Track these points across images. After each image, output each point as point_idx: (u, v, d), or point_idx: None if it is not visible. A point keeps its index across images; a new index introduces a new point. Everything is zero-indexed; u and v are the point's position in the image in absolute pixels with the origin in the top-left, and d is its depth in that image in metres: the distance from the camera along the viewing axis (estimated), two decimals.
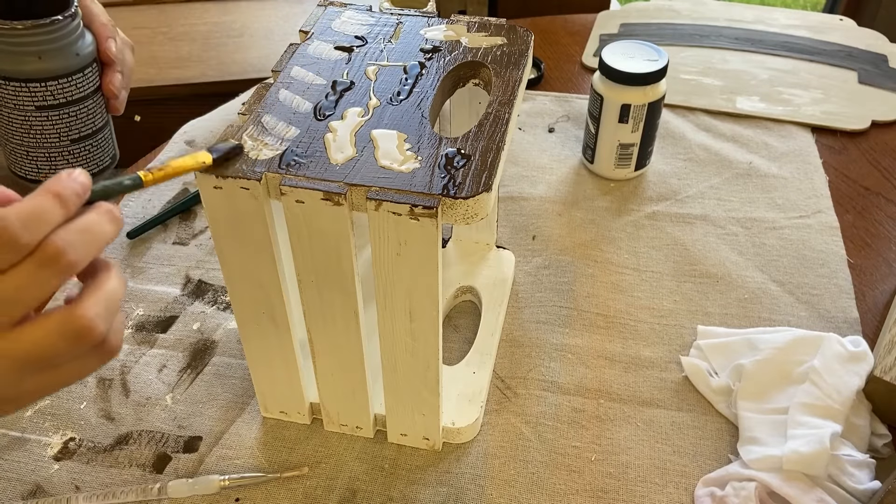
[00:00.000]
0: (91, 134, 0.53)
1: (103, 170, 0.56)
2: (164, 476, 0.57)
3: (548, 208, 0.79)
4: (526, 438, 0.59)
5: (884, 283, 0.72)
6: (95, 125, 0.53)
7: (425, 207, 0.43)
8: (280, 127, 0.48)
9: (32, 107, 0.50)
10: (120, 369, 0.64)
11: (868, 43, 1.02)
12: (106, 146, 0.54)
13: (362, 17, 0.59)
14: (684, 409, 0.61)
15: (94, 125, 0.53)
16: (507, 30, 0.57)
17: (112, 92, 0.53)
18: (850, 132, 0.89)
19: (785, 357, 0.61)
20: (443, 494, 0.56)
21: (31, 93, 0.50)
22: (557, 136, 0.88)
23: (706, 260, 0.73)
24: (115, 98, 0.53)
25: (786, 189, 0.81)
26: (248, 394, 0.62)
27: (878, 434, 0.58)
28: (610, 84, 0.76)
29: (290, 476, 0.56)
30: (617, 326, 0.67)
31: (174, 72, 1.23)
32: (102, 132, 0.54)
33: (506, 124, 0.48)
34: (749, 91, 0.94)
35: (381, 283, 0.47)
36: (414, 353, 0.51)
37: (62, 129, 0.52)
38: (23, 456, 0.58)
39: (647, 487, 0.56)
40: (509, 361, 0.64)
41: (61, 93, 0.50)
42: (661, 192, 0.81)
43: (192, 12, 1.39)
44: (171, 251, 0.74)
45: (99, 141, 0.54)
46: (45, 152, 0.52)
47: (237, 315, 0.53)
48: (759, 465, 0.55)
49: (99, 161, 0.55)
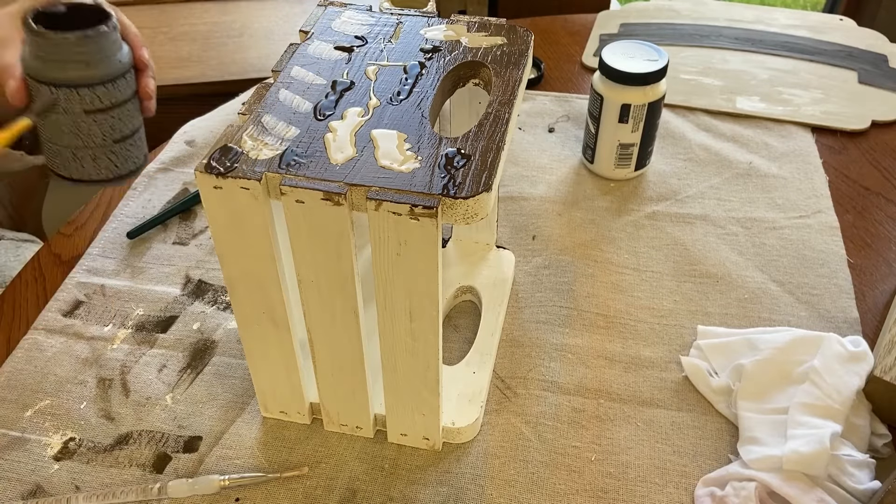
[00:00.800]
0: (130, 134, 0.58)
1: (139, 168, 0.60)
2: (164, 476, 0.57)
3: (548, 208, 0.79)
4: (526, 438, 0.59)
5: (884, 283, 0.72)
6: (133, 126, 0.58)
7: (425, 207, 0.43)
8: (280, 127, 0.48)
9: (81, 110, 0.54)
10: (120, 369, 0.64)
11: (868, 43, 1.03)
12: (141, 145, 0.60)
13: (362, 17, 0.59)
14: (684, 409, 0.61)
15: (133, 126, 0.58)
16: (507, 30, 0.57)
17: (148, 94, 0.58)
18: (850, 132, 0.89)
19: (785, 357, 0.61)
20: (443, 494, 0.56)
21: (80, 97, 0.54)
22: (557, 136, 0.88)
23: (706, 260, 0.73)
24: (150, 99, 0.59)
25: (786, 189, 0.81)
26: (248, 394, 0.62)
27: (878, 434, 0.58)
28: (610, 84, 0.76)
29: (290, 476, 0.56)
30: (617, 326, 0.67)
31: (174, 72, 1.23)
32: (139, 132, 0.59)
33: (506, 124, 0.48)
34: (749, 91, 0.94)
35: (381, 283, 0.47)
36: (414, 353, 0.51)
37: (106, 130, 0.56)
38: (23, 456, 0.58)
39: (647, 487, 0.56)
40: (509, 361, 0.64)
41: (107, 96, 0.55)
42: (661, 192, 0.81)
43: (192, 12, 1.39)
44: (171, 251, 0.74)
45: (135, 140, 0.59)
46: (91, 152, 0.57)
47: (237, 315, 0.53)
48: (759, 465, 0.55)
49: (135, 159, 0.60)
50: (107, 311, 0.69)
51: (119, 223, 0.77)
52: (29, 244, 0.91)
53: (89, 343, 0.66)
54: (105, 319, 0.68)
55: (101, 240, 0.76)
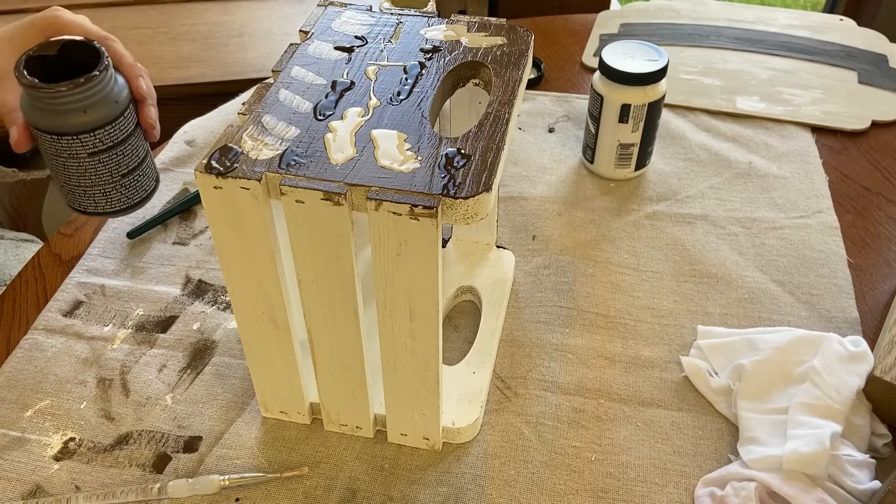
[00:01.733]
0: (137, 165, 0.58)
1: (150, 194, 0.60)
2: (164, 476, 0.57)
3: (548, 208, 0.79)
4: (526, 438, 0.59)
5: (884, 283, 0.72)
6: (140, 157, 0.58)
7: (425, 207, 0.43)
8: (280, 127, 0.48)
9: (85, 154, 0.55)
10: (120, 369, 0.64)
11: (868, 43, 1.02)
12: (150, 171, 0.60)
13: (362, 17, 0.59)
14: (684, 409, 0.61)
15: (139, 157, 0.58)
16: (507, 30, 0.57)
17: (150, 125, 0.58)
18: (850, 132, 0.89)
19: (785, 357, 0.61)
20: (443, 494, 0.56)
21: (82, 143, 0.54)
22: (557, 136, 0.88)
23: (706, 260, 0.73)
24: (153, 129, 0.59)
25: (786, 189, 0.81)
26: (248, 394, 0.62)
27: (878, 434, 0.58)
28: (610, 84, 0.76)
29: (290, 476, 0.56)
30: (617, 326, 0.67)
31: (174, 72, 1.23)
32: (146, 161, 0.59)
33: (506, 124, 0.48)
34: (749, 91, 0.94)
35: (381, 283, 0.47)
36: (414, 353, 0.51)
37: (113, 167, 0.56)
38: (23, 456, 0.58)
39: (647, 487, 0.56)
40: (509, 361, 0.64)
41: (109, 137, 0.55)
42: (661, 192, 0.81)
43: (192, 12, 1.39)
44: (171, 251, 0.74)
45: (144, 169, 0.59)
46: (101, 189, 0.57)
47: (237, 315, 0.53)
48: (759, 465, 0.55)
49: (146, 186, 0.60)
50: (107, 311, 0.69)
51: (119, 223, 0.77)
52: (29, 244, 0.91)
53: (89, 343, 0.66)
54: (105, 319, 0.68)
55: (101, 240, 0.76)
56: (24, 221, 1.22)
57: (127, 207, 0.59)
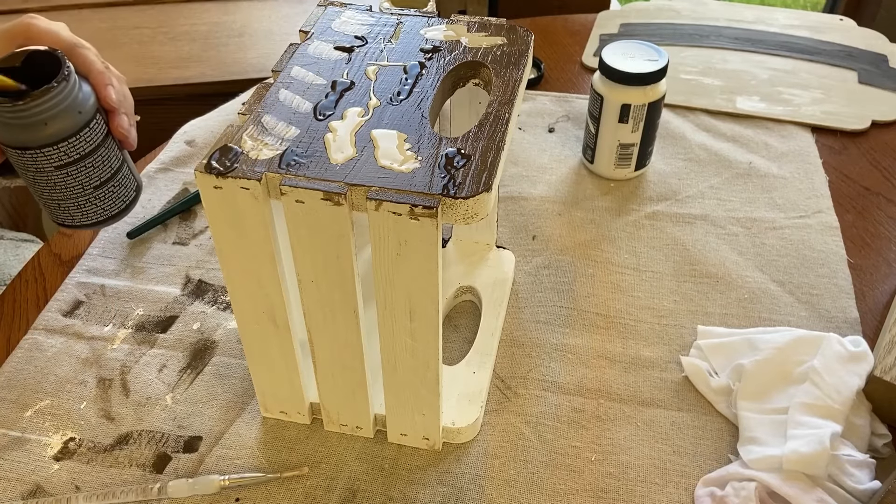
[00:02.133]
0: (111, 176, 0.55)
1: (129, 204, 0.58)
2: (164, 476, 0.57)
3: (548, 208, 0.79)
4: (526, 438, 0.59)
5: (884, 283, 0.72)
6: (113, 168, 0.55)
7: (425, 207, 0.43)
8: (280, 127, 0.48)
9: (52, 168, 0.52)
10: (120, 369, 0.64)
11: (868, 43, 1.02)
12: (127, 182, 0.57)
13: (362, 17, 0.59)
14: (684, 409, 0.61)
15: (112, 168, 0.55)
16: (507, 30, 0.57)
17: (122, 134, 0.55)
18: (850, 132, 0.89)
19: (785, 357, 0.61)
20: (443, 494, 0.56)
21: (46, 157, 0.52)
22: (557, 136, 0.88)
23: (706, 260, 0.73)
24: (126, 139, 0.55)
25: (786, 189, 0.81)
26: (248, 394, 0.62)
27: (878, 434, 0.58)
28: (610, 84, 0.76)
29: (290, 476, 0.56)
30: (617, 326, 0.67)
31: (174, 72, 1.23)
32: (121, 171, 0.56)
33: (506, 124, 0.48)
34: (749, 91, 0.94)
35: (381, 283, 0.47)
36: (414, 353, 0.51)
37: (83, 180, 0.54)
38: (23, 456, 0.58)
39: (647, 487, 0.56)
40: (509, 361, 0.64)
41: (74, 150, 0.52)
42: (661, 192, 0.81)
43: (192, 12, 1.39)
44: (171, 251, 0.74)
45: (119, 180, 0.56)
46: (74, 202, 0.55)
47: (237, 315, 0.53)
48: (759, 465, 0.55)
49: (124, 198, 0.57)
50: (107, 311, 0.69)
51: (119, 223, 0.77)
52: (29, 244, 0.91)
53: (89, 343, 0.66)
54: (105, 319, 0.68)
55: (101, 240, 0.76)
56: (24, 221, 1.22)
57: (104, 219, 0.57)
